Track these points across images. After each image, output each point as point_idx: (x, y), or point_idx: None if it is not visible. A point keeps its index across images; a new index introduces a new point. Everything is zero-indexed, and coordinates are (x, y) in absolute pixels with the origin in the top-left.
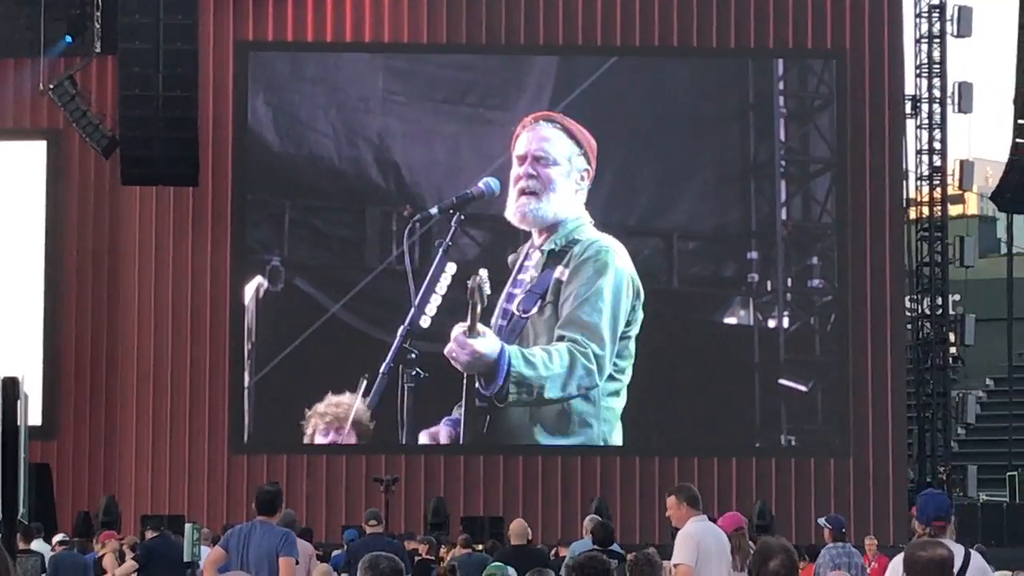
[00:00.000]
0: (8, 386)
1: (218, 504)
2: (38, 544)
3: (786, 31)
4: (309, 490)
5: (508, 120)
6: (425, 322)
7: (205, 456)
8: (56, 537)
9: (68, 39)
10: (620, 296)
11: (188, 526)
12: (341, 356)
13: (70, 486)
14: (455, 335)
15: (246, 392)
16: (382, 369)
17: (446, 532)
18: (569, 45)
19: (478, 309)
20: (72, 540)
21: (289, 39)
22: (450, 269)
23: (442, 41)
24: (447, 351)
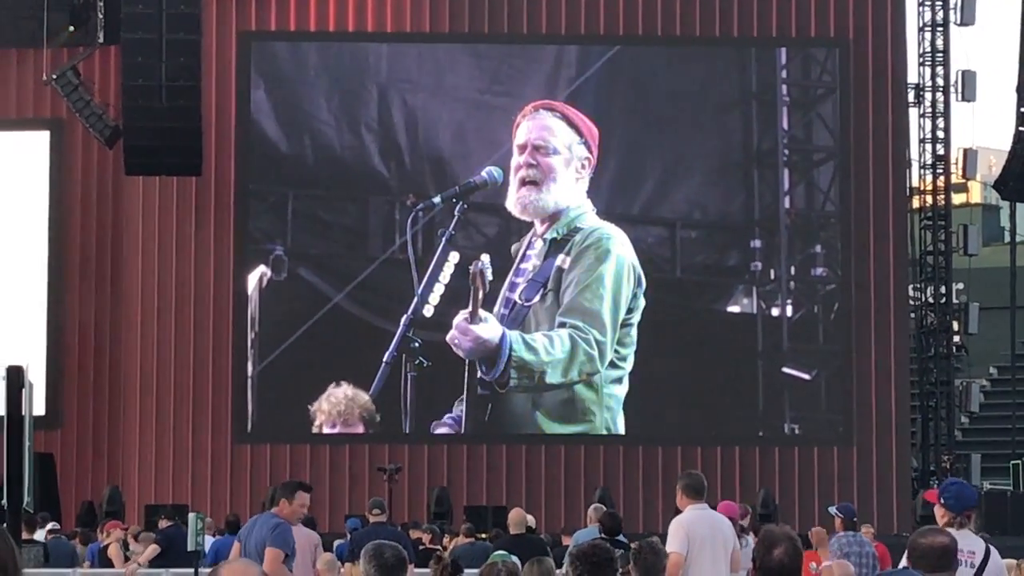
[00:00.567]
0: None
1: (222, 494)
2: (42, 535)
3: (789, 19)
4: (312, 480)
5: (511, 109)
6: (428, 311)
7: (208, 446)
8: (47, 526)
9: (71, 29)
10: (621, 283)
11: (192, 516)
12: (344, 345)
13: (74, 476)
14: (457, 322)
15: (249, 382)
16: (385, 358)
17: (449, 521)
18: (572, 34)
19: (480, 295)
20: (63, 530)
21: (292, 29)
22: (453, 258)
23: (445, 30)
24: (449, 338)
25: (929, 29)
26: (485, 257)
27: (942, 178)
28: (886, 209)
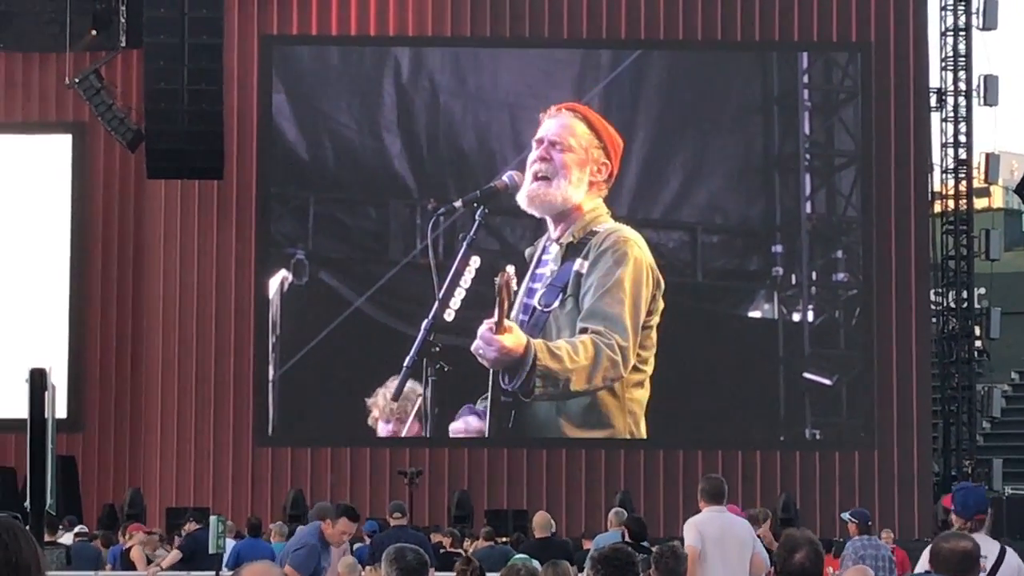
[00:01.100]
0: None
1: (243, 497)
2: (69, 537)
3: (811, 24)
4: (333, 483)
5: (532, 113)
6: (449, 316)
7: (230, 449)
8: (75, 529)
9: (93, 33)
10: (640, 286)
11: (213, 519)
12: (365, 349)
13: (95, 478)
14: (481, 332)
15: (270, 385)
16: (406, 363)
17: (470, 525)
18: (593, 39)
19: (505, 305)
20: (91, 533)
21: (313, 33)
22: (474, 262)
23: (466, 34)
24: (474, 348)
25: (951, 33)
26: (511, 268)
27: (964, 182)
28: (908, 214)
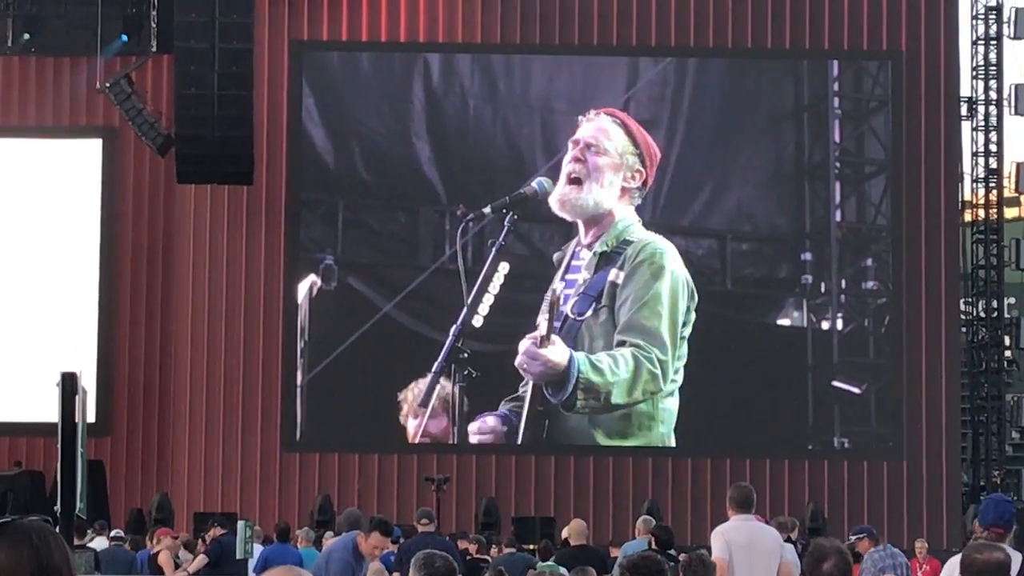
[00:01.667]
0: (67, 381)
1: (270, 502)
2: (99, 542)
3: (842, 32)
4: (360, 489)
5: (562, 119)
6: (477, 322)
7: (257, 454)
8: (110, 533)
9: (124, 38)
10: (678, 300)
11: (241, 523)
12: (393, 355)
13: (123, 483)
14: (526, 347)
15: (298, 390)
16: (434, 368)
17: (497, 532)
18: (625, 45)
19: (554, 320)
20: (124, 537)
21: (344, 39)
22: (503, 269)
23: (496, 41)
24: (518, 363)
25: (982, 42)
26: (561, 284)
27: (994, 192)
28: (938, 223)
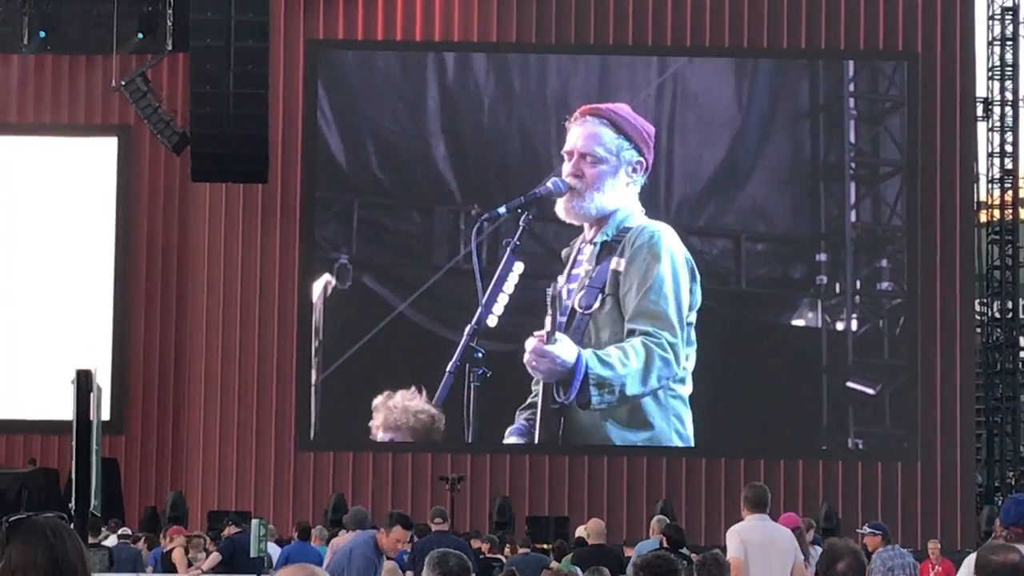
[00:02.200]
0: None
1: (284, 501)
2: (113, 540)
3: (857, 33)
4: (374, 488)
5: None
6: (492, 321)
7: (272, 453)
8: (119, 531)
9: (140, 36)
10: (679, 279)
11: (255, 522)
12: (408, 354)
13: (137, 481)
14: (533, 344)
15: (313, 389)
16: (449, 368)
17: (511, 531)
18: (639, 44)
19: (557, 316)
20: (131, 535)
21: (359, 38)
22: (518, 268)
23: (511, 40)
24: (526, 360)
25: (998, 43)
26: (562, 279)
27: (1010, 193)
28: (953, 223)
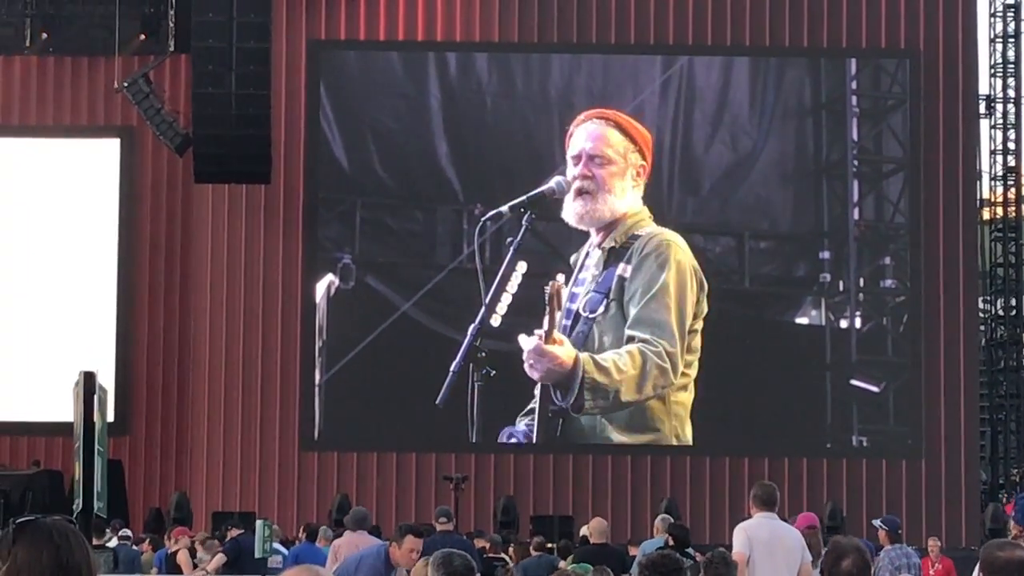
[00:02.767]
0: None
1: (288, 501)
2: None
3: (859, 30)
4: (378, 488)
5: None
6: (496, 321)
7: (275, 453)
8: (120, 532)
9: (142, 38)
10: (685, 290)
11: (259, 523)
12: (411, 354)
13: (142, 482)
14: (532, 344)
15: (317, 389)
16: (452, 368)
17: (516, 531)
18: (640, 44)
19: (556, 316)
20: (130, 536)
21: (361, 38)
22: (521, 268)
23: (513, 39)
24: (524, 359)
25: (1000, 40)
26: (561, 277)
27: (1013, 190)
28: (956, 221)
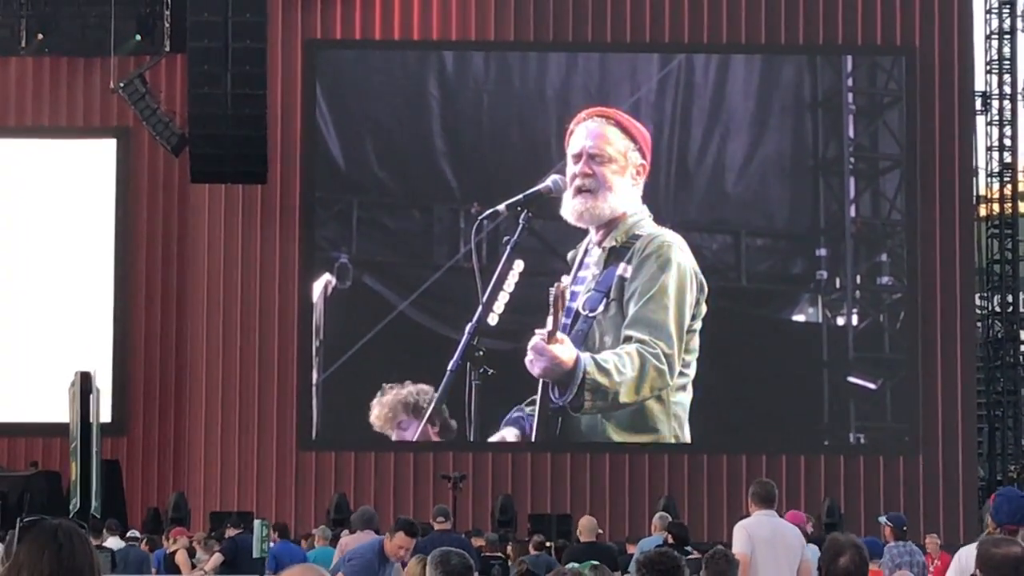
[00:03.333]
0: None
1: (286, 501)
2: (112, 541)
3: (855, 27)
4: (376, 487)
5: (573, 118)
6: (493, 320)
7: (273, 453)
8: (128, 533)
9: (137, 38)
10: (684, 291)
11: (257, 522)
12: (408, 353)
13: (139, 482)
14: (534, 342)
15: (314, 389)
16: (450, 367)
17: (514, 530)
18: (637, 42)
19: (559, 316)
20: (139, 537)
21: (357, 37)
22: (518, 266)
23: (509, 38)
24: (527, 359)
25: (996, 37)
26: (566, 279)
27: (1009, 186)
28: (952, 218)
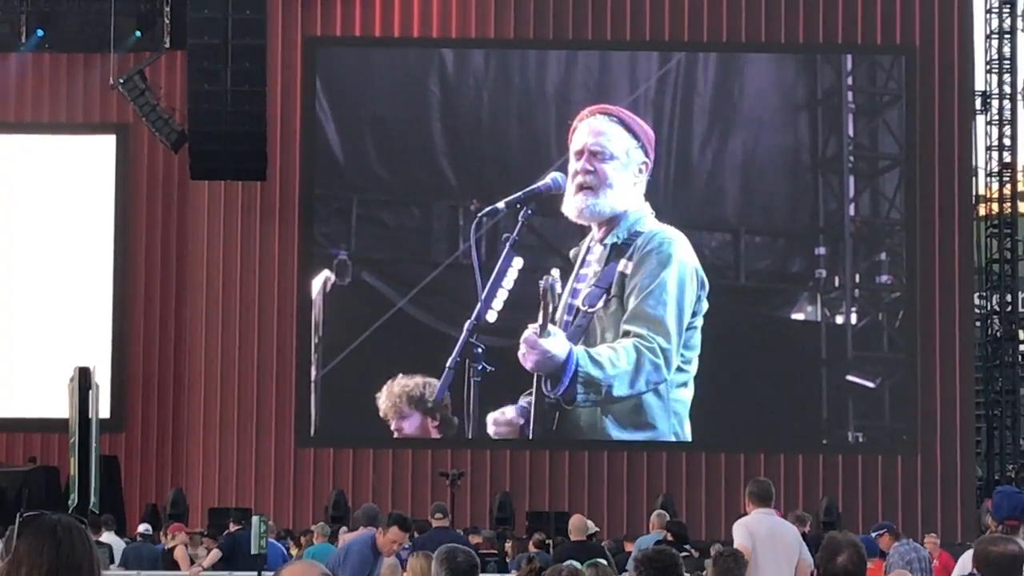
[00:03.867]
0: (81, 376)
1: (285, 497)
2: (108, 536)
3: (855, 26)
4: (375, 483)
5: (576, 113)
6: (492, 316)
7: (272, 449)
8: (140, 528)
9: (137, 34)
10: (684, 287)
11: (255, 519)
12: (407, 350)
13: (138, 478)
14: (526, 336)
15: (313, 386)
16: (448, 364)
17: (512, 527)
18: (637, 40)
19: (550, 309)
20: (150, 533)
21: (357, 34)
22: (517, 264)
23: (509, 36)
24: (519, 353)
25: (996, 36)
26: (555, 272)
27: (1008, 186)
28: (952, 217)
